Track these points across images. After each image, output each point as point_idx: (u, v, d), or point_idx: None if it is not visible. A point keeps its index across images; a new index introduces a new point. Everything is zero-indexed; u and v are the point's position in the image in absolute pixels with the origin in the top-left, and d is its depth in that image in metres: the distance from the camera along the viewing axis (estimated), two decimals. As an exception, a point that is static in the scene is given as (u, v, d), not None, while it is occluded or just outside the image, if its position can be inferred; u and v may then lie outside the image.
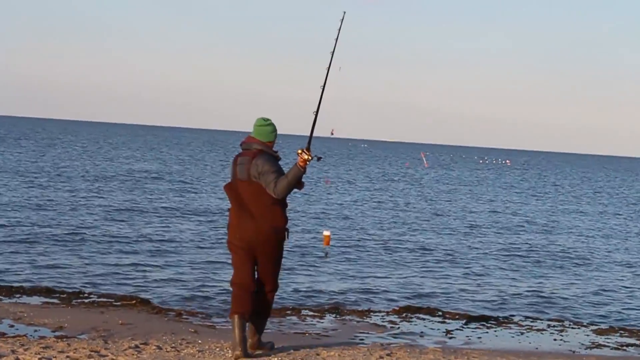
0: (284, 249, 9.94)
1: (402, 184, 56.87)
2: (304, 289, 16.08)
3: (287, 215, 9.88)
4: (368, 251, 22.04)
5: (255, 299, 9.83)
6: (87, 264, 17.23)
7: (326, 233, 14.53)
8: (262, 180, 9.61)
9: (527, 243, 26.56)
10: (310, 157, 9.66)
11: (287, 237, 9.87)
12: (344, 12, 10.29)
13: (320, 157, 10.23)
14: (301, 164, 9.61)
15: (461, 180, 69.30)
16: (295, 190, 9.91)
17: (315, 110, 9.96)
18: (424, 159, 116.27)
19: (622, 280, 20.18)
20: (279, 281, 10.14)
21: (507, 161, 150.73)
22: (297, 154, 9.68)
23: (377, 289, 16.62)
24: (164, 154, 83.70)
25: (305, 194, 38.99)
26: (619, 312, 16.15)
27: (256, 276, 9.87)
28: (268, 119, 9.94)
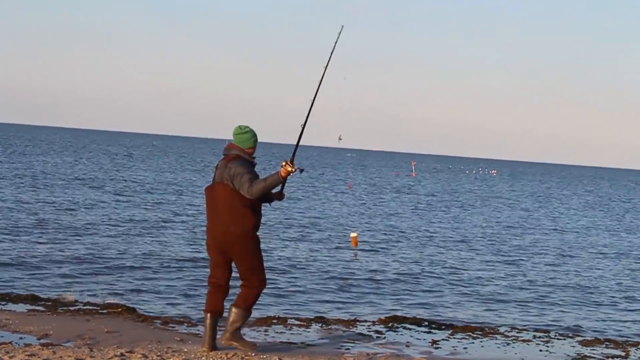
0: (261, 248, 10.52)
1: (390, 195, 56.91)
2: (290, 298, 16.07)
3: (259, 220, 10.39)
4: (355, 259, 22.04)
5: (241, 290, 10.46)
6: (72, 272, 17.18)
7: (353, 235, 14.69)
8: (235, 183, 10.18)
9: (514, 251, 26.60)
10: (293, 169, 10.15)
11: (256, 238, 10.36)
12: (342, 26, 10.77)
13: (303, 169, 10.75)
14: (283, 174, 10.15)
15: (452, 190, 69.41)
16: (276, 201, 10.60)
17: (303, 123, 10.45)
18: (413, 168, 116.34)
19: (609, 290, 20.24)
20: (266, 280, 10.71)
21: (493, 171, 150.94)
22: (281, 165, 10.15)
23: (364, 299, 16.62)
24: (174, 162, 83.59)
25: (292, 200, 38.93)
26: (604, 322, 16.20)
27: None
28: (246, 127, 10.49)
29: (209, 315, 10.50)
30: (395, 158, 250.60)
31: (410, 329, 13.75)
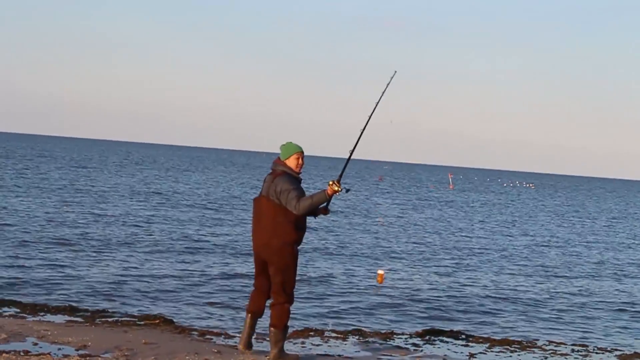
0: (297, 265, 10.84)
1: (429, 208, 56.77)
2: (327, 311, 16.07)
3: (301, 235, 10.71)
4: (393, 271, 22.00)
5: (272, 310, 10.81)
6: (110, 283, 17.29)
7: (380, 272, 14.74)
8: (282, 198, 10.48)
9: (552, 265, 26.44)
10: (339, 189, 10.54)
11: (295, 253, 10.68)
12: (395, 72, 11.16)
13: (349, 189, 11.20)
14: (329, 192, 10.54)
15: (486, 201, 69.13)
16: (321, 215, 10.94)
17: (351, 149, 10.88)
18: (450, 180, 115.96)
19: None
20: (295, 297, 11.09)
21: (531, 184, 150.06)
22: (328, 184, 10.54)
23: (401, 312, 16.59)
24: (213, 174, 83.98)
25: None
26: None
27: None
28: (287, 142, 10.94)
29: (250, 315, 10.99)
30: (427, 171, 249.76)
31: (447, 342, 13.70)
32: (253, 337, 11.26)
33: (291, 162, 10.77)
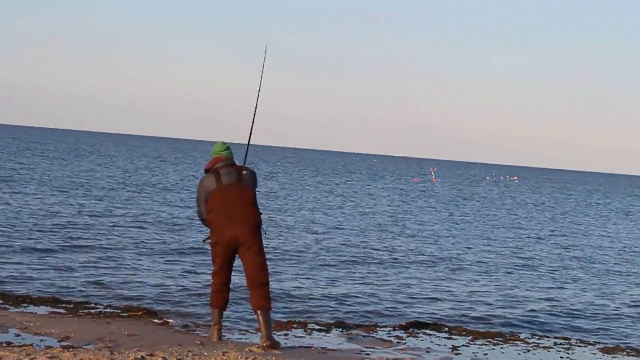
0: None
1: (415, 198, 56.85)
2: (311, 303, 16.07)
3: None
4: (375, 264, 22.02)
5: (258, 292, 11.16)
6: (93, 274, 17.24)
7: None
8: (253, 185, 11.30)
9: (536, 257, 26.51)
10: None
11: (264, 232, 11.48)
12: (266, 46, 12.22)
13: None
14: None
15: (468, 194, 69.28)
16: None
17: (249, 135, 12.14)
18: (432, 174, 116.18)
19: (631, 297, 20.13)
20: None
21: (515, 178, 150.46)
22: None
23: (384, 304, 16.61)
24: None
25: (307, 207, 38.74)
26: (625, 330, 16.13)
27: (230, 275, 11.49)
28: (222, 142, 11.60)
29: (218, 311, 11.44)
30: (413, 164, 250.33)
31: (430, 335, 13.73)
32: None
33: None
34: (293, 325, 13.48)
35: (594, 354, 13.49)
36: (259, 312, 11.12)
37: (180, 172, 70.00)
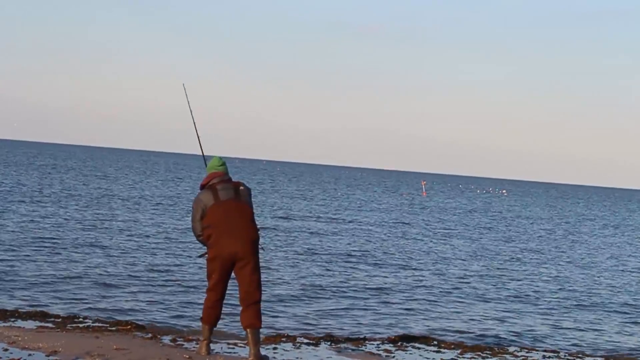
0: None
1: (404, 212, 56.88)
2: (299, 316, 16.07)
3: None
4: (362, 278, 22.03)
5: (250, 311, 11.02)
6: (82, 288, 17.20)
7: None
8: (250, 202, 11.20)
9: (523, 271, 26.55)
10: None
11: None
12: (183, 84, 12.26)
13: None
14: None
15: (456, 207, 69.35)
16: None
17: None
18: (423, 187, 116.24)
19: (616, 312, 20.18)
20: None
21: (503, 191, 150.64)
22: None
23: (373, 317, 16.61)
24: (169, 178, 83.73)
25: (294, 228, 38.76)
26: (613, 343, 16.16)
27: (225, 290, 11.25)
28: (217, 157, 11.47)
29: (209, 327, 11.35)
30: (404, 177, 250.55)
31: (419, 348, 13.73)
32: None
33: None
34: (282, 339, 13.47)
35: (583, 366, 13.51)
36: (249, 330, 11.04)
37: (172, 186, 69.92)
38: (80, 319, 14.04)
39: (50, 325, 13.28)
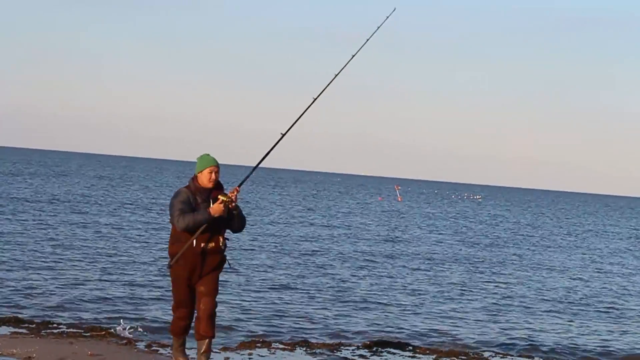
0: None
1: (380, 215, 56.95)
2: (275, 322, 16.07)
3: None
4: (338, 283, 22.04)
5: (209, 321, 10.55)
6: (56, 294, 17.14)
7: None
8: (170, 212, 10.38)
9: (500, 275, 26.63)
10: (224, 208, 10.29)
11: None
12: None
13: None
14: (212, 211, 10.27)
15: (433, 212, 69.51)
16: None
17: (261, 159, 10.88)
18: (397, 192, 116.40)
19: (595, 309, 20.28)
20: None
21: (478, 197, 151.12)
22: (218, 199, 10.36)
23: (348, 323, 16.63)
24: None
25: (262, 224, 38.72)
26: (594, 348, 16.25)
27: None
28: (205, 155, 10.68)
29: (183, 339, 10.88)
30: (378, 183, 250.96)
31: (394, 354, 13.76)
32: None
33: (203, 176, 10.50)
34: (257, 345, 13.47)
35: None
36: (206, 340, 10.57)
37: (148, 191, 69.79)
38: (55, 325, 13.98)
39: (24, 331, 13.23)
